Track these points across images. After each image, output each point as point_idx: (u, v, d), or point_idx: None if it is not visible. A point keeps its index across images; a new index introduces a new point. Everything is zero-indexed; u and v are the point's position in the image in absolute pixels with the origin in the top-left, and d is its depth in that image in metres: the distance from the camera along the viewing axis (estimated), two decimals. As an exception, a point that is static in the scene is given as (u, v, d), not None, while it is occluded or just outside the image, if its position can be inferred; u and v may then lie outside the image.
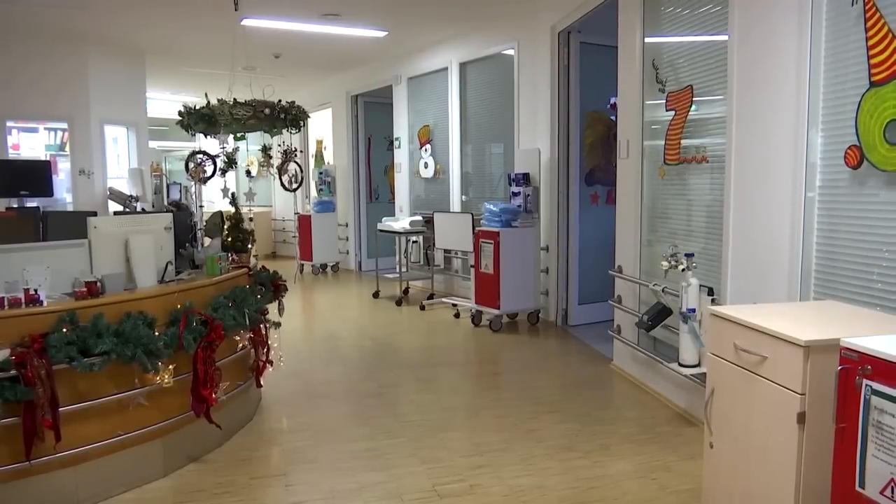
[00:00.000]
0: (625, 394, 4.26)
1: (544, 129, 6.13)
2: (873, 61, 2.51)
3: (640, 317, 4.11)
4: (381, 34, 7.28)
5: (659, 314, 3.92)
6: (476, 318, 6.16)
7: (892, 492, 1.62)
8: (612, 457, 3.28)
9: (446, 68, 7.67)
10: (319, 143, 11.11)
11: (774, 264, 3.03)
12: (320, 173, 10.23)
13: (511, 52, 6.64)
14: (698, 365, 3.45)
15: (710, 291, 3.48)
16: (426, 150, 8.24)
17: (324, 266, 9.84)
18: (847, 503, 1.76)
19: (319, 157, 11.09)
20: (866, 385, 1.69)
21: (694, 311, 3.41)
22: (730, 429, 2.36)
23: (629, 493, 2.90)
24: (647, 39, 4.27)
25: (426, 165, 8.25)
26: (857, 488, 1.72)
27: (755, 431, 2.21)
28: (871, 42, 2.52)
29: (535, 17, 6.15)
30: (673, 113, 4.00)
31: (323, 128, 10.80)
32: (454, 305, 6.83)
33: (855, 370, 1.73)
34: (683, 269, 3.43)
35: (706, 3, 3.65)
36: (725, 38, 3.39)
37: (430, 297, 7.32)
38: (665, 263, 3.53)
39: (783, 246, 2.97)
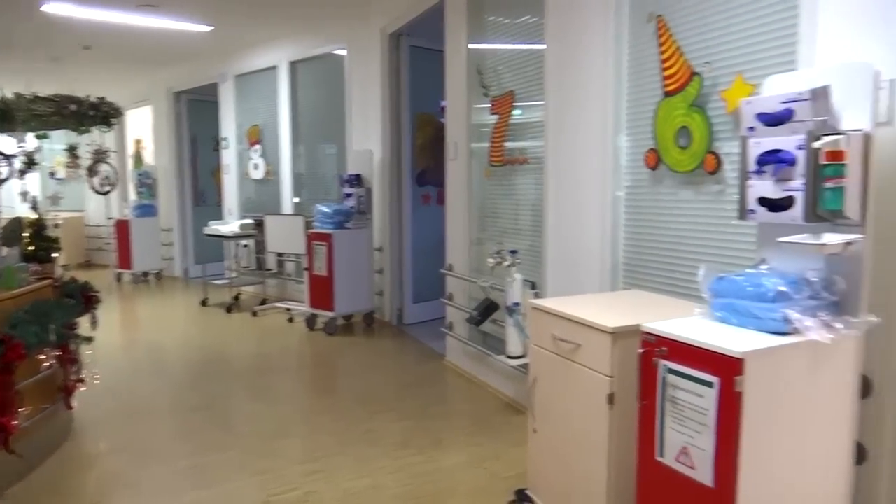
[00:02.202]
0: (458, 388, 4.39)
1: (376, 130, 6.15)
2: (665, 74, 2.78)
3: (470, 312, 4.25)
4: (207, 29, 6.92)
5: (487, 309, 4.07)
6: (310, 322, 6.05)
7: (686, 457, 1.80)
8: (445, 450, 3.36)
9: (276, 66, 7.46)
10: (138, 142, 10.35)
11: (588, 258, 3.27)
12: (140, 175, 9.53)
13: (342, 52, 6.60)
14: (524, 356, 3.63)
15: (533, 286, 3.68)
16: (256, 150, 7.96)
17: (145, 274, 9.18)
18: (649, 472, 1.94)
19: (138, 157, 10.33)
20: (662, 364, 1.87)
21: (518, 304, 3.58)
22: (551, 414, 2.51)
23: (462, 484, 2.99)
24: (472, 45, 4.43)
25: (256, 166, 7.98)
26: (657, 458, 1.90)
27: (573, 414, 2.36)
28: (663, 56, 2.79)
29: (365, 18, 6.16)
30: (497, 117, 4.18)
31: (142, 126, 10.08)
32: (288, 310, 6.66)
33: (653, 352, 1.90)
34: (508, 266, 3.60)
35: (524, 14, 3.85)
36: (543, 47, 3.60)
37: (263, 302, 7.08)
38: (491, 261, 3.68)
39: (594, 241, 3.21)
